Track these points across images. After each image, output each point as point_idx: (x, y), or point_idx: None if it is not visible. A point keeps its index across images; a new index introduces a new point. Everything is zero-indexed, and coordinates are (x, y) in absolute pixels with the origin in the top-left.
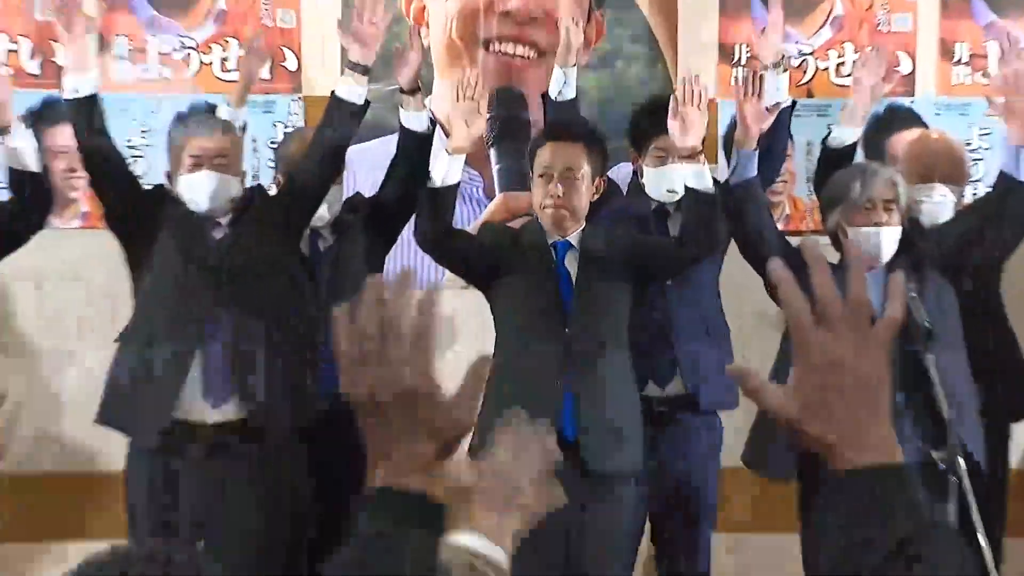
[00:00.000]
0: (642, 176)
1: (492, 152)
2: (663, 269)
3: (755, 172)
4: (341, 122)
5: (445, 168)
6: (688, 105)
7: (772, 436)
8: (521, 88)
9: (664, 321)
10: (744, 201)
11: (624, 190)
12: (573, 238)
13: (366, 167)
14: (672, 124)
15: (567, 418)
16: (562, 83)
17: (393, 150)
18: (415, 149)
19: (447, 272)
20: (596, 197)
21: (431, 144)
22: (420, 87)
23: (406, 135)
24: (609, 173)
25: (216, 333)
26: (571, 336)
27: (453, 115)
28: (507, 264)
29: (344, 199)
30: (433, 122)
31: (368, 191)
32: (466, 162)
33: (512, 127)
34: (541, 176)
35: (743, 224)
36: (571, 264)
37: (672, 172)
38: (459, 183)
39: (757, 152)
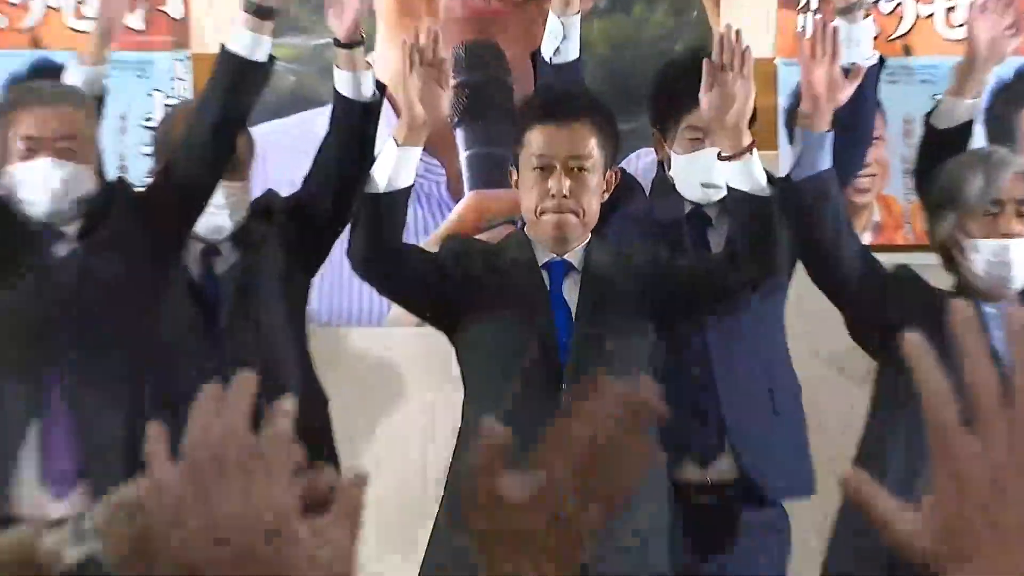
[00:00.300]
0: (670, 167)
1: (459, 133)
2: (703, 300)
3: (829, 162)
4: (235, 87)
5: (392, 165)
6: (727, 72)
7: (862, 539)
8: (499, 43)
9: (705, 374)
10: (814, 204)
11: (646, 188)
12: (573, 256)
13: (282, 153)
14: (706, 99)
15: None
16: (559, 37)
17: (322, 129)
18: (355, 125)
19: (393, 306)
20: (606, 197)
21: (377, 119)
22: (363, 39)
23: (343, 106)
24: (623, 164)
25: (59, 396)
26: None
27: (404, 90)
28: (480, 294)
29: (251, 200)
30: (381, 87)
31: (286, 187)
32: (423, 148)
33: (487, 98)
34: (536, 169)
35: (813, 236)
36: (571, 293)
37: (711, 158)
38: (412, 185)
39: (832, 134)
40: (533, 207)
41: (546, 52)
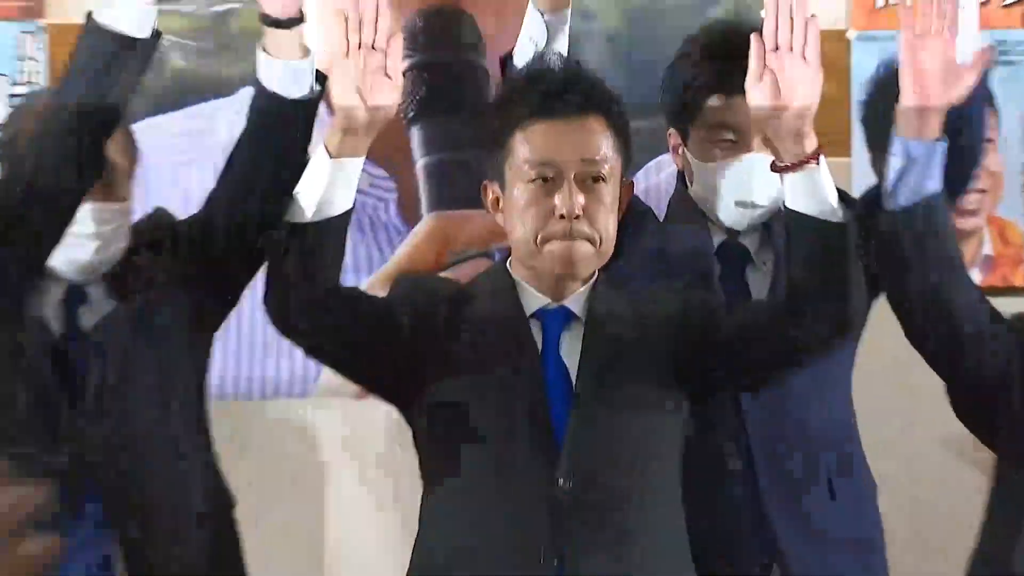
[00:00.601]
0: (692, 180)
1: (414, 134)
2: (751, 368)
3: (939, 183)
4: (107, 70)
5: (324, 183)
6: (784, 52)
7: None
8: (470, 9)
9: (746, 468)
10: (918, 241)
11: (661, 209)
12: (574, 302)
13: (170, 159)
14: (755, 88)
15: None
16: (542, 41)
17: (224, 128)
18: (284, 129)
19: (324, 370)
20: (618, 216)
21: (313, 121)
22: (303, 15)
23: (269, 104)
24: (636, 176)
25: None
26: (567, 495)
27: (338, 81)
28: (445, 354)
29: (132, 225)
30: (321, 79)
31: (179, 207)
32: (367, 156)
33: (454, 86)
34: (534, 181)
35: (914, 283)
36: (571, 352)
37: (750, 166)
38: (352, 210)
39: (944, 145)
40: (531, 233)
41: (520, 59)
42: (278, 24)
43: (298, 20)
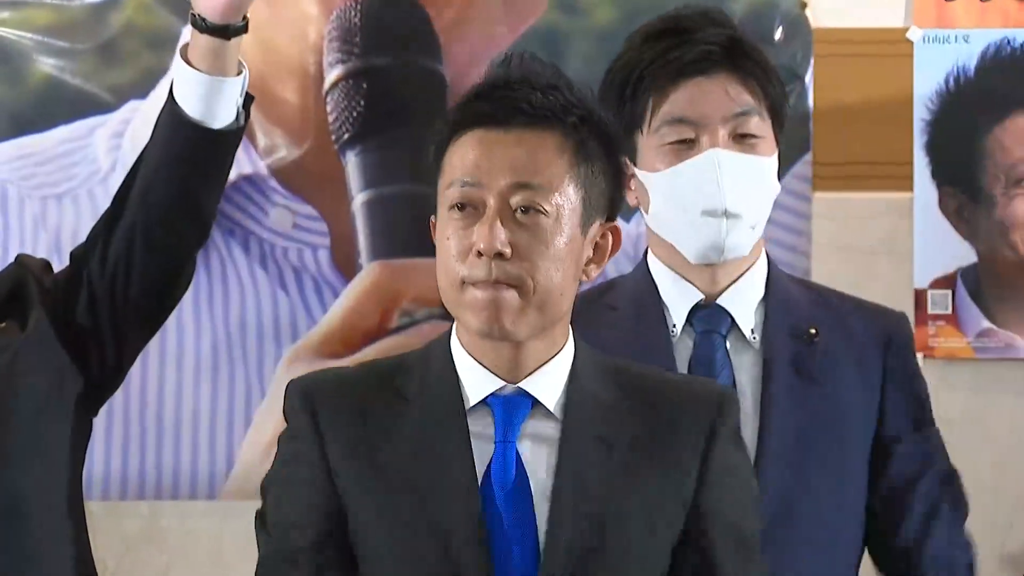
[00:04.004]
0: (647, 208)
1: (351, 162)
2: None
3: None
4: None
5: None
6: None
7: None
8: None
9: None
10: None
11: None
12: (537, 385)
13: (44, 194)
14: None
15: None
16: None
17: (109, 156)
18: (201, 160)
19: (236, 465)
20: (594, 274)
21: (236, 148)
22: (246, 23)
23: (186, 131)
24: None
25: None
26: None
27: None
28: (372, 459)
29: None
30: (247, 100)
31: (52, 253)
32: (286, 185)
33: (402, 99)
34: (454, 208)
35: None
36: (533, 451)
37: (714, 163)
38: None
39: None
40: (452, 276)
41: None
42: (212, 29)
43: (241, 29)
